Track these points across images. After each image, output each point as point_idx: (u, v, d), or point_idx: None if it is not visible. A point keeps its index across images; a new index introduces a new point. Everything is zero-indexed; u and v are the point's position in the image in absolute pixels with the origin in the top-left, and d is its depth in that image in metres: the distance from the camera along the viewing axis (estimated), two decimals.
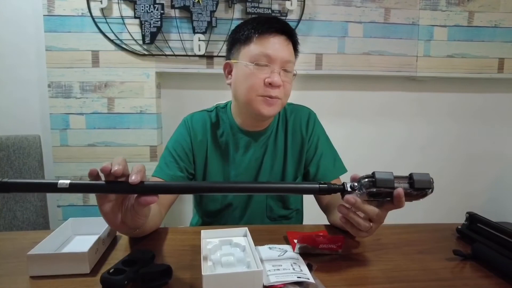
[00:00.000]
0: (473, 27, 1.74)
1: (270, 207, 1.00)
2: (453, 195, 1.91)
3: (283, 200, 1.00)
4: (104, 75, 1.59)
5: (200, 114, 1.01)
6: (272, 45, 0.85)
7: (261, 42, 0.86)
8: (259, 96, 0.87)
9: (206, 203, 1.02)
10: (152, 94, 1.61)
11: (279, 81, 0.85)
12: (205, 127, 0.99)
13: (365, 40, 1.69)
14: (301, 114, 1.02)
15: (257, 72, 0.85)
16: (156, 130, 1.62)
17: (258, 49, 0.85)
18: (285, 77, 0.87)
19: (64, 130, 1.61)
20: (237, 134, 0.98)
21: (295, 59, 0.93)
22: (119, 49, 1.58)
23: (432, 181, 0.62)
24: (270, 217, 1.00)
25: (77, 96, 1.60)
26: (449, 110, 1.88)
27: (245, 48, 0.88)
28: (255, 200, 0.99)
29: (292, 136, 1.00)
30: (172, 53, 1.59)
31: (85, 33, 1.56)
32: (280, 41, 0.86)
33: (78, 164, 1.63)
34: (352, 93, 1.82)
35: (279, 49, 0.86)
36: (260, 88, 0.86)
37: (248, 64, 0.86)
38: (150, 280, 0.59)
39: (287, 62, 0.87)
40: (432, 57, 1.74)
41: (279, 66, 0.86)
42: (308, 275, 0.60)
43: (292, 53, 0.90)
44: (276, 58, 0.85)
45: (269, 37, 0.86)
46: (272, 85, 0.85)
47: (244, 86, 0.87)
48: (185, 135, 0.97)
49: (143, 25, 1.55)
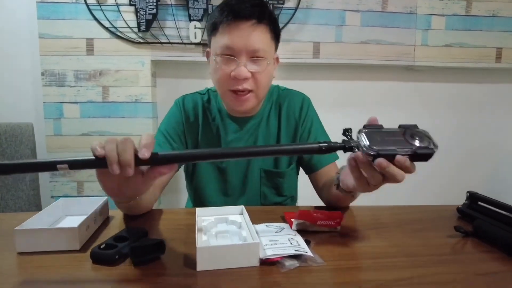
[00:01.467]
0: (471, 16, 1.73)
1: (264, 194, 0.98)
2: (450, 185, 1.90)
3: (277, 187, 0.98)
4: (98, 63, 1.57)
5: (192, 96, 0.99)
6: (236, 34, 0.79)
7: (225, 32, 0.80)
8: (229, 91, 0.84)
9: (199, 189, 1.00)
10: (148, 82, 1.58)
11: (244, 73, 0.80)
12: (197, 109, 0.97)
13: (362, 29, 1.68)
14: (295, 99, 0.99)
15: (223, 65, 0.81)
16: (151, 119, 1.60)
17: (222, 41, 0.80)
18: (256, 66, 0.81)
19: (58, 119, 1.58)
20: (226, 119, 0.96)
21: (275, 41, 0.86)
22: (114, 36, 1.56)
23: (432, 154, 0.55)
24: (264, 204, 0.98)
25: (71, 84, 1.57)
26: (446, 100, 1.87)
27: (213, 38, 0.84)
28: (249, 187, 0.97)
29: (286, 121, 0.98)
30: (167, 41, 1.56)
31: (79, 20, 1.54)
32: (245, 28, 0.79)
33: (72, 154, 1.60)
34: (349, 82, 1.80)
35: (244, 38, 0.79)
36: (227, 82, 0.82)
37: (215, 58, 0.82)
38: (142, 254, 0.57)
39: (255, 51, 0.80)
40: (430, 46, 1.72)
41: (245, 57, 0.80)
42: (306, 249, 0.58)
43: (264, 38, 0.82)
44: (240, 49, 0.79)
45: (233, 25, 0.79)
46: (237, 78, 0.80)
47: (214, 79, 0.85)
48: (178, 117, 0.96)
49: (138, 13, 1.53)
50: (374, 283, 0.52)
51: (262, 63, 0.82)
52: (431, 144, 0.54)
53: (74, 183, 1.62)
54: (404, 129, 0.56)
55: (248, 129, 0.96)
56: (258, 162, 0.96)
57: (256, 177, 0.96)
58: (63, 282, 0.52)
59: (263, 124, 0.97)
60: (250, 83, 0.82)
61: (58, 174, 1.61)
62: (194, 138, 0.97)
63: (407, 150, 0.53)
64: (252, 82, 0.82)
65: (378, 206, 0.88)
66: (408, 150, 0.53)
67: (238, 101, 0.84)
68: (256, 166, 0.96)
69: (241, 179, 0.97)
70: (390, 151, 0.53)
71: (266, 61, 0.83)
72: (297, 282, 0.52)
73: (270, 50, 0.84)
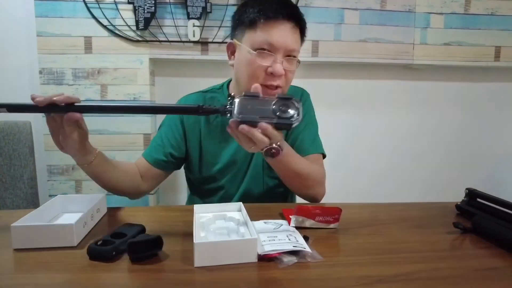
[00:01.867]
0: (470, 14, 1.73)
1: (266, 183, 0.98)
2: (449, 184, 1.89)
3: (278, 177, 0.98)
4: (97, 61, 1.56)
5: (194, 96, 1.03)
6: (277, 33, 0.82)
7: (266, 28, 0.82)
8: (260, 85, 0.85)
9: (200, 182, 1.01)
10: (146, 81, 1.58)
11: (281, 70, 0.82)
12: None
13: (361, 27, 1.67)
14: (295, 92, 1.04)
15: (260, 60, 0.83)
16: (149, 118, 1.60)
17: (262, 36, 0.82)
18: (289, 65, 0.85)
19: None
20: None
21: (301, 45, 0.90)
22: (112, 35, 1.55)
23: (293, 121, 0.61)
24: (265, 193, 0.98)
25: (69, 83, 1.56)
26: (445, 98, 1.87)
27: (249, 32, 0.85)
28: (251, 177, 0.97)
29: None
30: (166, 39, 1.56)
31: (77, 18, 1.53)
32: (286, 28, 0.83)
33: None
34: (348, 81, 1.80)
35: (285, 37, 0.82)
36: (261, 77, 0.84)
37: (251, 51, 0.83)
38: (139, 251, 0.56)
39: (291, 51, 0.84)
40: (428, 44, 1.72)
41: (282, 55, 0.83)
42: (304, 245, 0.58)
43: (298, 41, 0.87)
44: (280, 47, 0.82)
45: (274, 24, 0.82)
46: (273, 75, 0.83)
47: (245, 72, 0.86)
48: (176, 119, 0.99)
49: (136, 11, 1.52)
50: (372, 279, 0.51)
51: (294, 63, 0.86)
52: (294, 117, 0.61)
53: (72, 181, 1.61)
54: (278, 99, 0.62)
55: None
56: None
57: (259, 167, 0.98)
58: (60, 279, 0.51)
59: None
60: (281, 80, 0.85)
61: (57, 173, 1.60)
62: (196, 138, 0.98)
63: (268, 120, 0.60)
64: (284, 79, 0.85)
65: (377, 203, 0.88)
66: (269, 120, 0.60)
67: (267, 94, 0.84)
68: (259, 157, 0.96)
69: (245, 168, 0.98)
70: (252, 119, 0.60)
71: (296, 61, 0.87)
72: (295, 278, 0.52)
73: (299, 50, 0.89)
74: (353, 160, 1.82)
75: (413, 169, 1.87)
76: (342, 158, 1.78)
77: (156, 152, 0.96)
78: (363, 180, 1.84)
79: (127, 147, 1.60)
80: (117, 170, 0.86)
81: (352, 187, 1.81)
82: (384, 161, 1.84)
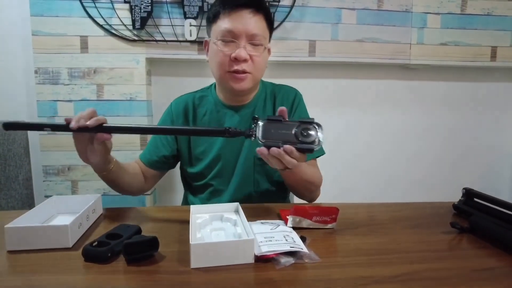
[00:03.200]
0: (466, 15, 1.73)
1: (257, 180, 0.99)
2: (446, 183, 1.90)
3: (269, 174, 0.99)
4: (93, 61, 1.55)
5: (184, 97, 1.06)
6: (236, 19, 0.86)
7: (226, 18, 0.87)
8: (228, 72, 0.90)
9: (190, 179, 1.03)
10: (142, 80, 1.57)
11: (244, 55, 0.86)
12: (187, 109, 1.02)
13: (358, 27, 1.67)
14: (289, 91, 1.05)
15: (224, 48, 0.88)
16: (146, 118, 1.59)
17: (223, 25, 0.87)
18: (254, 51, 0.89)
19: (52, 118, 1.56)
20: (221, 110, 1.00)
21: (269, 31, 0.94)
22: (109, 34, 1.54)
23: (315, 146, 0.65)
24: (256, 191, 0.99)
25: (65, 82, 1.55)
26: (442, 98, 1.87)
27: (214, 25, 0.91)
28: (243, 174, 0.98)
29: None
30: (162, 39, 1.55)
31: (73, 17, 1.51)
32: (245, 15, 0.87)
33: (66, 153, 1.58)
34: (345, 81, 1.79)
35: (244, 23, 0.87)
36: (227, 64, 0.88)
37: (215, 41, 0.89)
38: (135, 252, 0.56)
39: (254, 36, 0.88)
40: (425, 44, 1.72)
41: (245, 41, 0.87)
42: (302, 245, 0.58)
43: (261, 26, 0.90)
44: (240, 33, 0.87)
45: (234, 12, 0.87)
46: (237, 59, 0.86)
47: (214, 63, 0.91)
48: (167, 121, 1.03)
49: (133, 10, 1.51)
50: (370, 279, 0.51)
51: (260, 48, 0.89)
52: (315, 142, 0.64)
53: (68, 182, 1.60)
54: (300, 123, 0.65)
55: (243, 116, 0.99)
56: (252, 150, 0.97)
57: (250, 165, 0.98)
58: (55, 281, 0.51)
59: (258, 112, 1.00)
60: (248, 65, 0.89)
61: (52, 173, 1.59)
62: (185, 138, 1.01)
63: (291, 145, 0.64)
64: (251, 64, 0.89)
65: (374, 203, 0.88)
66: (291, 145, 0.64)
67: (236, 79, 0.90)
68: (250, 153, 0.97)
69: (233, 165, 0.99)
70: (275, 144, 0.64)
71: (263, 47, 0.90)
72: (292, 279, 0.51)
73: (266, 37, 0.92)
74: (349, 159, 1.82)
75: (409, 169, 1.87)
76: (338, 158, 1.78)
77: (150, 153, 1.00)
78: (358, 179, 1.84)
79: (124, 147, 1.58)
80: (128, 174, 0.91)
81: (347, 186, 1.81)
82: (381, 161, 1.84)
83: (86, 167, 1.59)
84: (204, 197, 1.00)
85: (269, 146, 0.64)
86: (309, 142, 0.65)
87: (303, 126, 0.65)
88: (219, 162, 0.98)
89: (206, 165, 0.98)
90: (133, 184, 0.94)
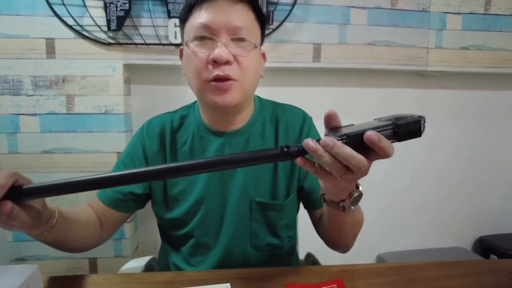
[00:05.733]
0: (490, 15, 1.55)
1: (254, 232, 0.76)
2: (464, 203, 1.74)
3: (271, 223, 0.77)
4: (61, 68, 1.33)
5: (160, 118, 0.82)
6: (212, 10, 0.66)
7: (200, 11, 0.67)
8: (207, 82, 0.66)
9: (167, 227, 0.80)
10: (120, 90, 1.36)
11: (225, 54, 0.64)
12: (164, 134, 0.79)
13: (369, 29, 1.48)
14: (295, 116, 0.81)
15: (199, 49, 0.66)
16: (124, 134, 1.37)
17: (196, 21, 0.67)
18: (238, 49, 0.66)
19: (13, 134, 1.34)
20: (206, 137, 0.77)
21: (260, 26, 0.72)
22: (79, 36, 1.32)
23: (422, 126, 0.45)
24: (255, 245, 0.77)
25: (28, 93, 1.33)
26: (463, 109, 1.69)
27: (186, 25, 0.70)
28: (236, 223, 0.75)
29: (285, 140, 0.78)
30: (143, 42, 1.34)
31: (37, 16, 1.30)
32: (223, 4, 0.66)
33: (32, 174, 1.31)
34: (354, 89, 1.61)
35: (222, 13, 0.65)
36: (204, 70, 0.66)
37: (188, 43, 0.67)
38: None
39: (236, 29, 0.66)
40: (444, 48, 1.54)
41: (226, 36, 0.66)
42: None
43: (246, 17, 0.68)
44: (218, 27, 0.65)
45: (208, 3, 0.66)
46: (216, 62, 0.64)
47: (189, 72, 0.70)
48: (138, 149, 0.79)
49: (108, 8, 1.30)
50: None
51: (246, 45, 0.67)
52: (414, 116, 0.46)
53: None
54: (379, 118, 0.49)
55: (234, 145, 0.76)
56: (248, 191, 0.75)
57: (246, 211, 0.75)
58: None
59: (255, 142, 0.77)
60: (233, 69, 0.66)
61: None
62: None
63: (385, 127, 0.44)
64: (236, 68, 0.66)
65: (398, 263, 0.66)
66: (386, 127, 0.45)
67: (218, 90, 0.66)
68: (245, 196, 0.75)
69: (220, 212, 0.75)
70: (364, 130, 0.44)
71: (251, 44, 0.68)
72: None
73: (254, 32, 0.70)
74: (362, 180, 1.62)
75: (428, 187, 1.69)
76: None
77: (112, 189, 0.75)
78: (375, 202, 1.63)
79: (99, 168, 1.37)
80: (77, 225, 0.67)
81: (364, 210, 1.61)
82: (398, 179, 1.65)
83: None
84: (185, 252, 0.77)
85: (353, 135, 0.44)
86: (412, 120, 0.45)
87: (385, 117, 0.48)
88: (202, 205, 0.75)
89: (186, 209, 0.75)
90: (86, 238, 0.71)
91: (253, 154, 0.46)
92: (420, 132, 0.45)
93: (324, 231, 0.74)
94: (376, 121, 0.48)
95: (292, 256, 0.84)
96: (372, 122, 0.47)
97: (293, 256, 0.84)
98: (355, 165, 0.45)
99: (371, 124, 0.46)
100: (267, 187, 0.76)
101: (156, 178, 0.54)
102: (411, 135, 0.45)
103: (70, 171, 1.37)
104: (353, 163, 0.45)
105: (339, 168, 0.46)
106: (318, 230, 0.80)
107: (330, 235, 0.73)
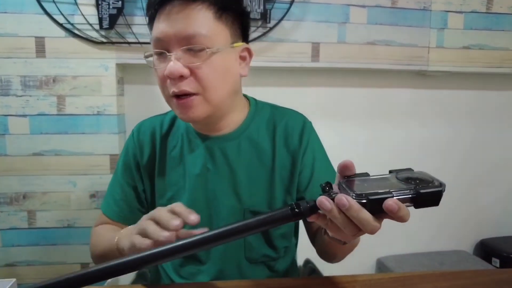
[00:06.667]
0: (492, 14, 1.52)
1: (249, 243, 0.72)
2: (465, 205, 1.71)
3: (267, 234, 0.73)
4: (52, 67, 1.29)
5: (150, 122, 0.79)
6: (163, 20, 0.61)
7: (157, 21, 0.63)
8: (171, 97, 0.64)
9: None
10: (112, 91, 1.32)
11: (176, 69, 0.60)
12: (154, 139, 0.75)
13: (369, 28, 1.45)
14: (294, 121, 0.75)
15: (157, 65, 0.64)
16: (117, 135, 1.33)
17: (153, 34, 0.64)
18: (195, 59, 0.61)
19: (2, 136, 1.30)
20: (194, 140, 0.73)
21: (223, 22, 0.63)
22: (71, 35, 1.28)
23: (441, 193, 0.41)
24: (249, 258, 0.73)
25: (17, 93, 1.29)
26: (465, 110, 1.66)
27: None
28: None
29: (284, 147, 0.74)
30: (136, 41, 1.30)
31: (26, 14, 1.26)
32: (172, 10, 0.61)
33: (21, 178, 1.32)
34: (354, 90, 1.57)
35: (172, 22, 0.60)
36: (165, 86, 0.64)
37: (149, 60, 0.66)
38: None
39: (188, 38, 0.60)
40: (446, 48, 1.51)
41: (177, 48, 0.61)
42: None
43: (201, 19, 0.61)
44: (169, 39, 0.61)
45: (161, 11, 0.62)
46: (170, 78, 0.61)
47: (160, 90, 0.67)
48: (130, 157, 0.76)
49: (100, 6, 1.26)
50: None
51: (203, 53, 0.61)
52: (435, 183, 0.42)
53: (24, 212, 1.34)
54: (396, 172, 0.45)
55: (225, 151, 0.72)
56: (241, 200, 0.71)
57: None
58: None
59: (247, 148, 0.72)
60: (189, 83, 0.62)
61: (4, 203, 1.33)
62: (150, 179, 0.75)
63: (406, 192, 0.41)
64: (192, 81, 0.62)
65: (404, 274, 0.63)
66: (407, 192, 0.41)
67: (182, 107, 0.63)
68: (238, 205, 0.71)
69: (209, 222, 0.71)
70: (384, 194, 0.41)
71: (209, 50, 0.61)
72: None
73: (214, 35, 0.62)
74: None
75: None
76: None
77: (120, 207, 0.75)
78: None
79: (90, 170, 1.33)
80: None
81: None
82: None
83: (45, 194, 1.34)
84: (176, 262, 0.73)
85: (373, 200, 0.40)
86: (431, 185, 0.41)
87: (404, 174, 0.44)
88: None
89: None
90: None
91: (263, 220, 0.44)
92: (439, 202, 0.41)
93: (319, 248, 0.71)
94: (393, 176, 0.44)
95: (290, 267, 0.80)
96: (389, 179, 0.44)
97: (291, 267, 0.80)
98: (369, 230, 0.42)
99: (388, 181, 0.43)
100: (263, 196, 0.72)
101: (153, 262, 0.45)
102: (429, 203, 0.41)
103: (61, 174, 1.33)
104: (367, 228, 0.41)
105: (352, 229, 0.42)
106: (312, 242, 0.76)
107: (325, 254, 0.70)
